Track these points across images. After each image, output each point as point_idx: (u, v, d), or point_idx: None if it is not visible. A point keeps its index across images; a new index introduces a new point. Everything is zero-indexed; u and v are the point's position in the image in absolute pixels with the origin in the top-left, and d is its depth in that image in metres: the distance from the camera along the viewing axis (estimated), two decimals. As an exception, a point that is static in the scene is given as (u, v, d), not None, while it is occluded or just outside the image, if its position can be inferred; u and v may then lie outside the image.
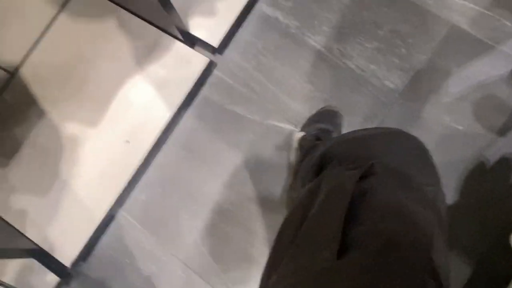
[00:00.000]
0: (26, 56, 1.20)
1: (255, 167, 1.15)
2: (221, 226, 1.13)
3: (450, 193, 1.09)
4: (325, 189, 0.51)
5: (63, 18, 1.21)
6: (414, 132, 1.10)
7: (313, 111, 1.15)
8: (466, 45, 1.14)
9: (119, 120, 1.15)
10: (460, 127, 1.11)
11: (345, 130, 1.12)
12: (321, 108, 1.12)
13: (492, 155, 1.10)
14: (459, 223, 1.07)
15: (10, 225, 1.11)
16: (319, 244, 0.44)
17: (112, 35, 1.19)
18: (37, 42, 1.21)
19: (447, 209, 0.51)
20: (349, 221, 0.42)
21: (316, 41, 1.19)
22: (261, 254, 1.11)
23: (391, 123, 1.13)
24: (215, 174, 1.16)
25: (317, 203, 0.51)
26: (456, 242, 1.06)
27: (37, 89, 1.18)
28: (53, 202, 1.12)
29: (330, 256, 0.40)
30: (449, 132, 1.12)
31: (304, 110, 1.16)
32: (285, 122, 1.16)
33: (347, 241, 0.41)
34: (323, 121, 1.07)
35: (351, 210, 0.43)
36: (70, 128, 1.15)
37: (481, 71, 1.13)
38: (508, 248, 0.84)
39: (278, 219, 1.10)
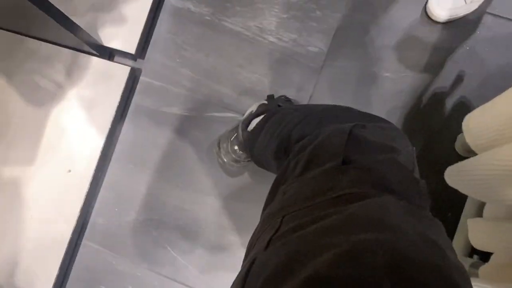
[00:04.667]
0: None
1: (209, 163, 1.15)
2: (187, 229, 1.13)
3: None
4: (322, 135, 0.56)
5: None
6: (350, 88, 1.14)
7: (248, 93, 1.15)
8: (376, -6, 1.16)
9: (54, 152, 1.11)
10: (388, 74, 1.14)
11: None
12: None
13: (425, 93, 1.14)
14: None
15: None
16: (323, 161, 0.49)
17: (25, 66, 1.14)
18: None
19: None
20: (348, 155, 0.48)
21: (233, 23, 1.18)
22: (233, 243, 1.12)
23: (324, 87, 1.15)
24: (169, 180, 1.15)
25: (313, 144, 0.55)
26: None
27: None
28: (10, 249, 1.08)
29: (336, 164, 0.46)
30: (380, 81, 1.14)
31: (239, 94, 1.16)
32: (225, 111, 1.16)
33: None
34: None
35: (349, 147, 0.49)
36: (7, 171, 1.10)
37: (396, 16, 1.15)
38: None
39: (240, 207, 1.11)
